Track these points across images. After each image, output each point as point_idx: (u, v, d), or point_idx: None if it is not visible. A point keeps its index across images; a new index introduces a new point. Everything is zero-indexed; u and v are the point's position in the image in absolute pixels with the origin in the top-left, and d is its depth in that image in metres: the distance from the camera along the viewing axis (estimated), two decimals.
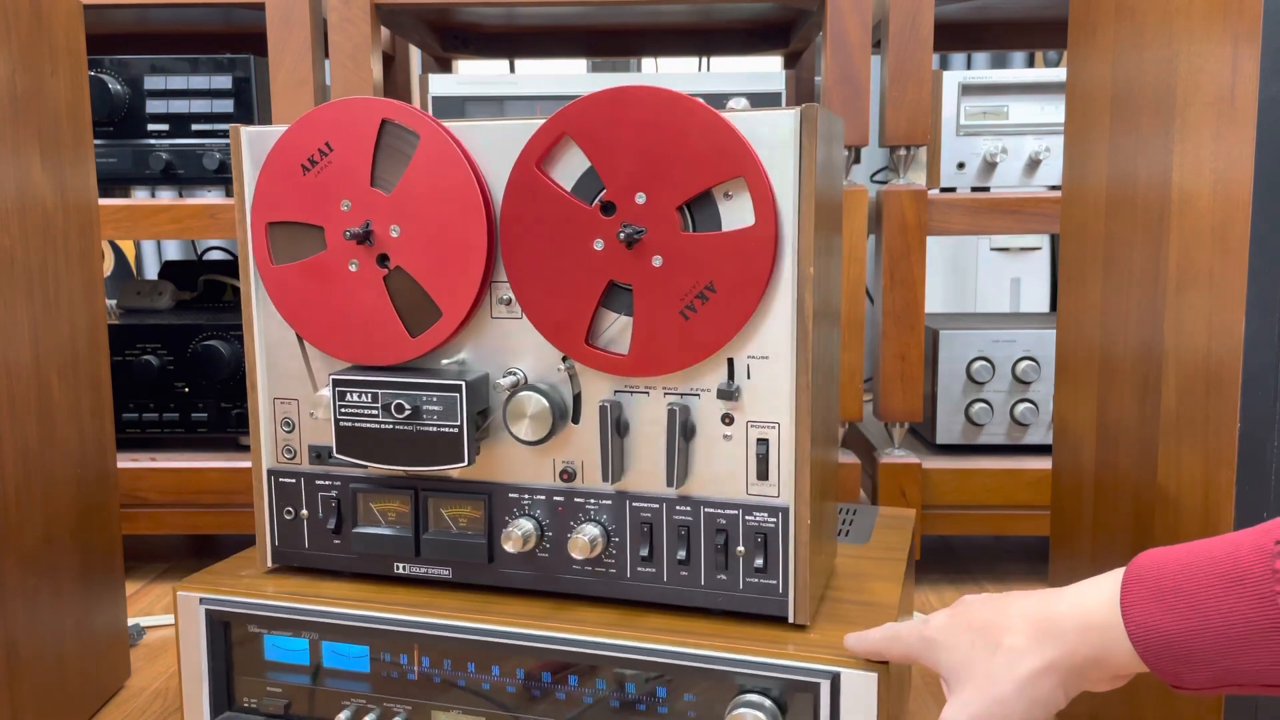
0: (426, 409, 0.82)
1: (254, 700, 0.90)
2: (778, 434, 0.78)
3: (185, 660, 0.90)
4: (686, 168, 0.75)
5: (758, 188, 0.74)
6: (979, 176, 1.45)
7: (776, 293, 0.76)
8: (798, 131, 0.74)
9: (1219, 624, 0.49)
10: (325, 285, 0.86)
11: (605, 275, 0.78)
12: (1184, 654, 0.50)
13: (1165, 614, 0.51)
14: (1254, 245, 0.63)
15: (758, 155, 0.74)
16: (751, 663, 0.75)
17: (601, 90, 0.76)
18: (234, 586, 0.90)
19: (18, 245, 0.93)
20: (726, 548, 0.80)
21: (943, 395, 1.45)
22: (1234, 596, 0.48)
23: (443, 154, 0.81)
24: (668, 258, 0.76)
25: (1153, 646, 0.51)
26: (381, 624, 0.84)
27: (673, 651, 0.77)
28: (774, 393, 0.77)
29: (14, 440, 0.92)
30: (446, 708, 0.84)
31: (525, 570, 0.85)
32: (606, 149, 0.77)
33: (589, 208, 0.78)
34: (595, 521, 0.83)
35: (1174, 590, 0.51)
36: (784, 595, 0.79)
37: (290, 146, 0.85)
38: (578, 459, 0.83)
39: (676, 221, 0.76)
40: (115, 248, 2.47)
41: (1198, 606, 0.49)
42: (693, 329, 0.77)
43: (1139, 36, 0.80)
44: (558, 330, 0.80)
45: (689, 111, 0.75)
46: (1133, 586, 0.52)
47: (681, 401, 0.79)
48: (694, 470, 0.80)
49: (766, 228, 0.74)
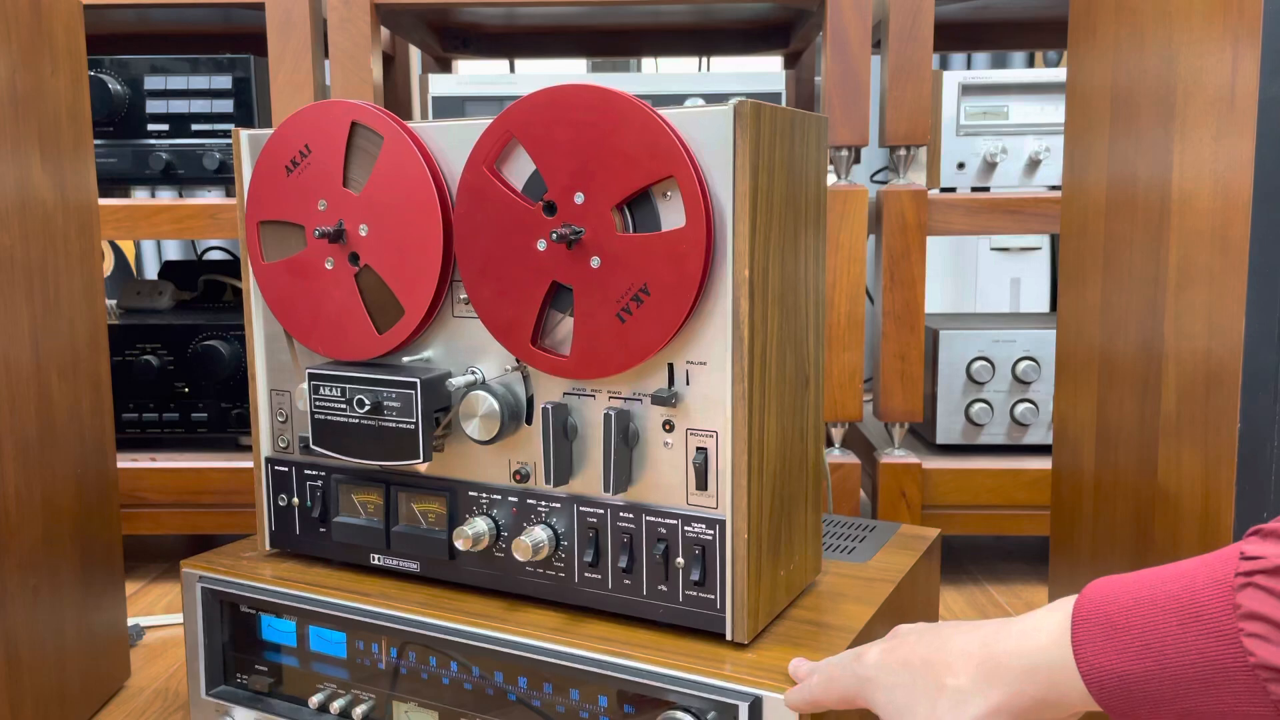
0: (387, 405, 0.83)
1: (246, 678, 0.93)
2: (715, 443, 0.75)
3: (188, 636, 0.93)
4: (619, 167, 0.73)
5: (688, 188, 0.71)
6: (979, 176, 1.45)
7: (712, 297, 0.73)
8: (732, 130, 0.70)
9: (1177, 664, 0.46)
10: (305, 282, 0.88)
11: (548, 275, 0.77)
12: (1141, 696, 0.47)
13: (1119, 654, 0.48)
14: (1254, 245, 0.63)
15: (690, 154, 0.71)
16: (677, 678, 0.73)
17: (541, 90, 0.75)
18: (233, 568, 0.93)
19: (18, 245, 0.93)
20: (667, 558, 0.77)
21: (943, 395, 1.45)
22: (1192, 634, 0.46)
23: (404, 155, 0.82)
24: (605, 259, 0.75)
25: (1108, 688, 0.48)
26: (354, 613, 0.86)
27: (605, 661, 0.75)
28: (712, 401, 0.74)
29: (14, 440, 0.92)
30: (405, 699, 0.85)
31: (484, 569, 0.85)
32: (548, 149, 0.76)
33: (533, 207, 0.77)
34: (545, 524, 0.82)
35: (1127, 628, 0.48)
36: (721, 611, 0.76)
37: (276, 148, 0.88)
38: (531, 460, 0.83)
39: (613, 222, 0.74)
40: (115, 248, 2.47)
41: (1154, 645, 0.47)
42: (629, 332, 0.75)
43: (1139, 36, 0.80)
44: (506, 331, 0.80)
45: (622, 110, 0.72)
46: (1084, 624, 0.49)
47: (624, 406, 0.78)
48: (638, 477, 0.78)
49: (697, 229, 0.71)
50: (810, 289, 0.82)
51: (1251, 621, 0.44)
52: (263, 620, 0.91)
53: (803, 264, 0.80)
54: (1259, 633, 0.43)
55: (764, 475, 0.76)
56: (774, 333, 0.76)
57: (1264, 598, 0.43)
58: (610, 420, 0.77)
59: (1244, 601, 0.44)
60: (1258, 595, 0.43)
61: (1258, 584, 0.44)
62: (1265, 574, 0.44)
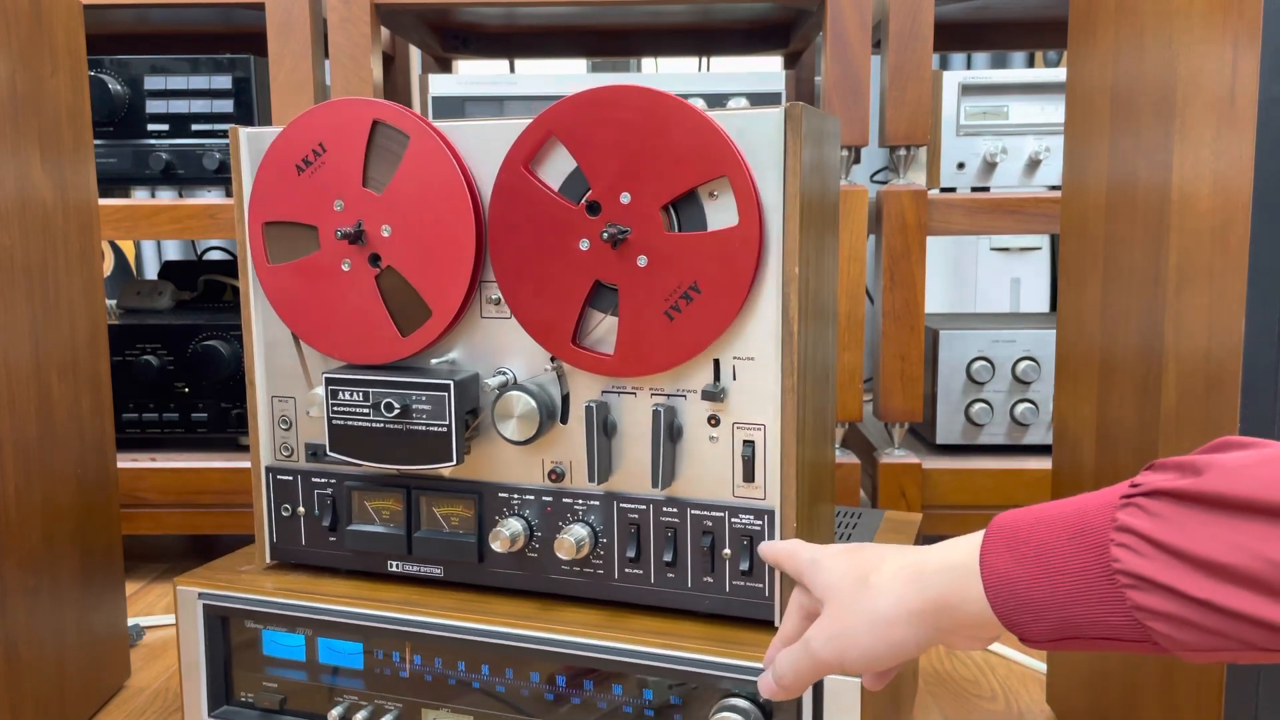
0: (416, 408, 0.82)
1: (251, 695, 0.90)
2: (763, 436, 0.77)
3: (185, 655, 0.90)
4: (670, 167, 0.74)
5: (741, 187, 0.74)
6: (979, 176, 1.45)
7: (761, 294, 0.75)
8: (783, 131, 0.73)
9: (1059, 571, 0.50)
10: (319, 284, 0.86)
11: (591, 275, 0.78)
12: (1025, 601, 0.51)
13: (1015, 562, 0.52)
14: (1254, 245, 0.63)
15: (742, 154, 0.73)
16: (736, 666, 0.74)
17: (586, 90, 0.76)
18: (232, 582, 0.91)
19: (18, 245, 0.93)
20: (713, 550, 0.80)
21: (943, 395, 1.45)
22: (1074, 547, 0.50)
23: (432, 154, 0.81)
24: (652, 258, 0.76)
25: (1000, 593, 0.52)
26: (374, 621, 0.84)
27: (658, 654, 0.77)
28: (760, 394, 0.77)
29: (14, 440, 0.92)
30: (437, 705, 0.84)
31: (515, 570, 0.85)
32: (592, 149, 0.76)
33: (575, 207, 0.78)
34: (583, 522, 0.83)
35: (1027, 540, 0.52)
36: (770, 599, 0.79)
37: (285, 147, 0.86)
38: (566, 459, 0.83)
39: (661, 221, 0.76)
40: (115, 248, 2.47)
41: (1043, 554, 0.51)
42: (677, 329, 0.76)
43: (1139, 36, 0.80)
44: (545, 330, 0.80)
45: (673, 111, 0.74)
46: (992, 536, 0.54)
47: (668, 402, 0.79)
48: (681, 471, 0.80)
49: (750, 228, 0.74)
50: (830, 287, 0.85)
51: (1122, 534, 0.48)
52: (266, 635, 0.89)
53: (826, 262, 0.83)
54: (1126, 543, 0.48)
55: (803, 467, 0.79)
56: (810, 329, 0.79)
57: (1138, 514, 0.48)
58: (659, 417, 0.78)
59: (1120, 517, 0.49)
60: (1134, 512, 0.48)
61: (1136, 503, 0.48)
62: (1144, 495, 0.48)
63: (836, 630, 0.59)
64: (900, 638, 0.57)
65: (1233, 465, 0.47)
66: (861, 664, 0.59)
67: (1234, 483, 0.46)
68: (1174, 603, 0.47)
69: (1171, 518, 0.47)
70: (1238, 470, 0.46)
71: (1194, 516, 0.47)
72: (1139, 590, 0.48)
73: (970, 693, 1.12)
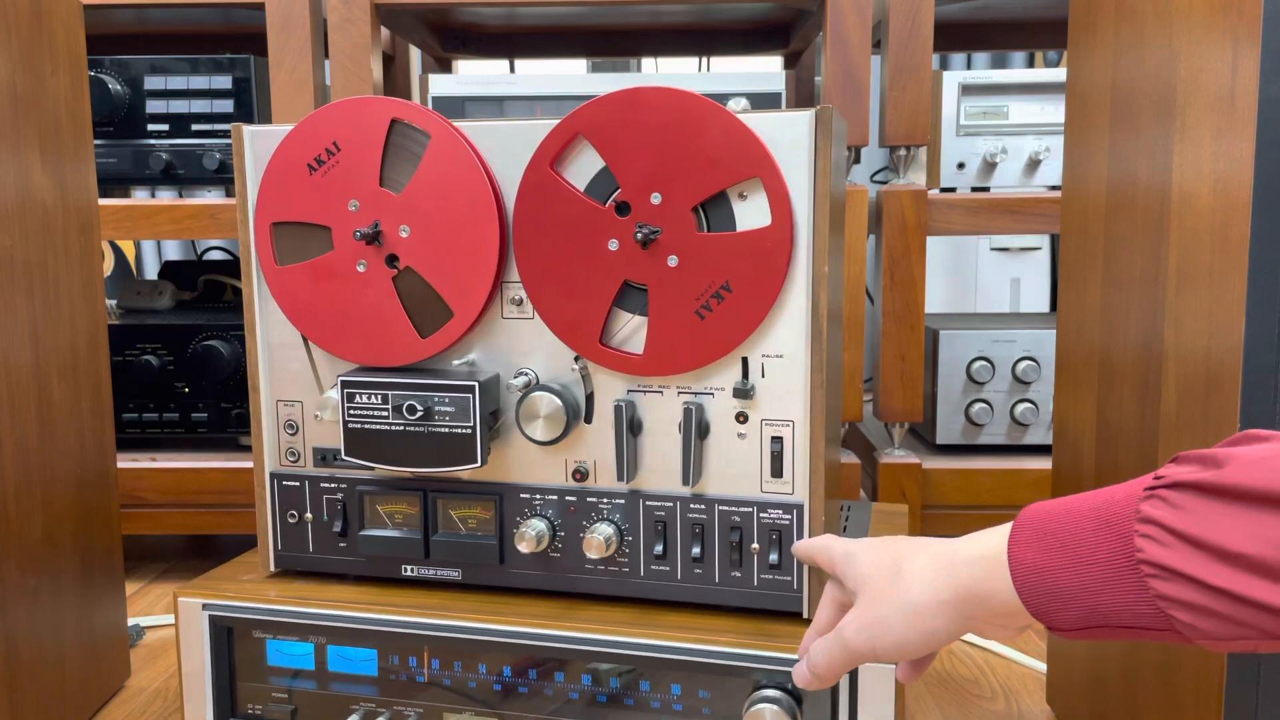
0: (439, 410, 0.81)
1: (258, 707, 0.89)
2: (792, 432, 0.79)
3: (187, 667, 0.88)
4: (703, 169, 0.75)
5: (774, 188, 0.75)
6: (979, 176, 1.45)
7: (791, 292, 0.77)
8: (812, 133, 0.75)
9: (1085, 561, 0.51)
10: (332, 286, 0.85)
11: (620, 275, 0.78)
12: (1053, 590, 0.53)
13: (1042, 551, 0.53)
14: (1254, 245, 0.63)
15: (774, 156, 0.75)
16: (770, 658, 0.76)
17: (617, 91, 0.77)
18: (238, 591, 0.89)
19: (18, 245, 0.93)
20: (741, 545, 0.81)
21: (943, 395, 1.45)
22: (1101, 537, 0.51)
23: (454, 154, 0.81)
24: (683, 258, 0.77)
25: (1028, 581, 0.53)
26: (391, 626, 0.83)
27: (691, 649, 0.77)
28: (788, 391, 0.78)
29: (14, 440, 0.92)
30: (459, 709, 0.83)
31: (536, 570, 0.85)
32: (622, 150, 0.77)
33: (603, 208, 0.78)
34: (608, 520, 0.83)
35: (1054, 531, 0.53)
36: (798, 591, 0.80)
37: (296, 146, 0.84)
38: (590, 458, 0.83)
39: (692, 222, 0.77)
40: (115, 248, 2.47)
41: (1070, 544, 0.52)
42: (708, 329, 0.77)
43: (1139, 36, 0.80)
44: (571, 330, 0.81)
45: (706, 113, 0.75)
46: (1021, 528, 0.55)
47: (696, 400, 0.80)
48: (708, 468, 0.81)
49: (783, 228, 0.75)
50: (842, 286, 0.87)
51: (1146, 525, 0.49)
52: (270, 645, 0.87)
53: (840, 261, 0.85)
54: (1150, 534, 0.49)
55: (824, 462, 0.80)
56: (833, 328, 0.81)
57: (1161, 505, 0.49)
58: (691, 415, 0.79)
59: (1144, 508, 0.50)
60: (1156, 504, 0.49)
61: (1159, 495, 0.49)
62: (1167, 488, 0.49)
63: (870, 620, 0.61)
64: (932, 627, 0.58)
65: (1252, 458, 0.48)
66: (894, 653, 0.60)
67: (1253, 475, 0.47)
68: (1196, 592, 0.48)
69: (1193, 509, 0.48)
70: (1257, 463, 0.47)
71: (1215, 508, 0.48)
72: (1162, 580, 0.49)
73: (970, 692, 1.12)
